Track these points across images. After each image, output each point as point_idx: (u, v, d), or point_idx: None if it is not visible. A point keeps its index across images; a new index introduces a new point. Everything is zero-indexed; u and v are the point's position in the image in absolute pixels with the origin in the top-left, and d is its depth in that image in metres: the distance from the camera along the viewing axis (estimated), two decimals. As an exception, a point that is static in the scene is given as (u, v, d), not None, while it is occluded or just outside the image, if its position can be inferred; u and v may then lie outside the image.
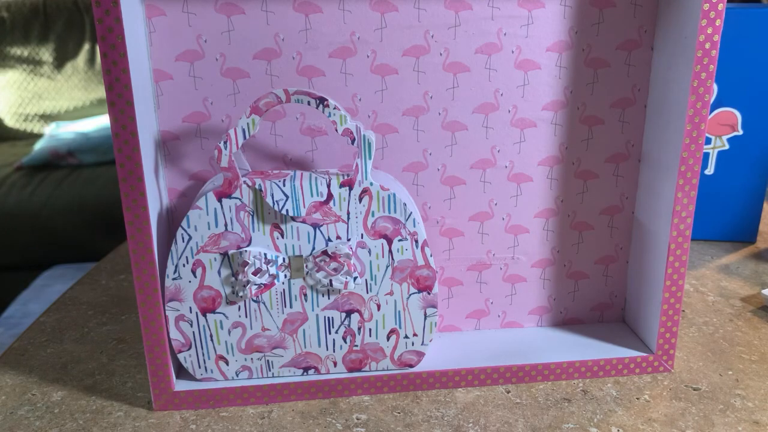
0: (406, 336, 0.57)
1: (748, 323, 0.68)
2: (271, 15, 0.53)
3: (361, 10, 0.54)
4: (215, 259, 0.53)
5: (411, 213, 0.54)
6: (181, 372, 0.58)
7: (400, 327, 0.57)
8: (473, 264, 0.63)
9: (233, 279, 0.54)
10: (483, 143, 0.59)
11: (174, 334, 0.54)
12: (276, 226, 0.53)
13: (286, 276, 0.54)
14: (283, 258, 0.53)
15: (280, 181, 0.52)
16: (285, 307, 0.55)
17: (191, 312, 0.54)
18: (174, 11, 0.52)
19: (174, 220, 0.58)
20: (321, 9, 0.53)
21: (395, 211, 0.53)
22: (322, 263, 0.53)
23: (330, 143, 0.57)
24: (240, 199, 0.52)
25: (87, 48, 2.40)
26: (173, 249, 0.52)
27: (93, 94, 2.41)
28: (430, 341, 0.58)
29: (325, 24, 0.54)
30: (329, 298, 0.55)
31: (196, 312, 0.54)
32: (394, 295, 0.56)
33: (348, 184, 0.52)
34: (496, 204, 0.61)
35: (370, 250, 0.54)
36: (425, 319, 0.57)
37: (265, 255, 0.53)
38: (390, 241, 0.54)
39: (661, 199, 0.57)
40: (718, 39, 0.51)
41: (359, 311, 0.56)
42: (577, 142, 0.60)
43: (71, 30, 2.39)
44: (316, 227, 0.53)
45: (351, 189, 0.52)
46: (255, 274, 0.53)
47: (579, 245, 0.63)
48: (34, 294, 1.66)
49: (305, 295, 0.55)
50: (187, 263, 0.53)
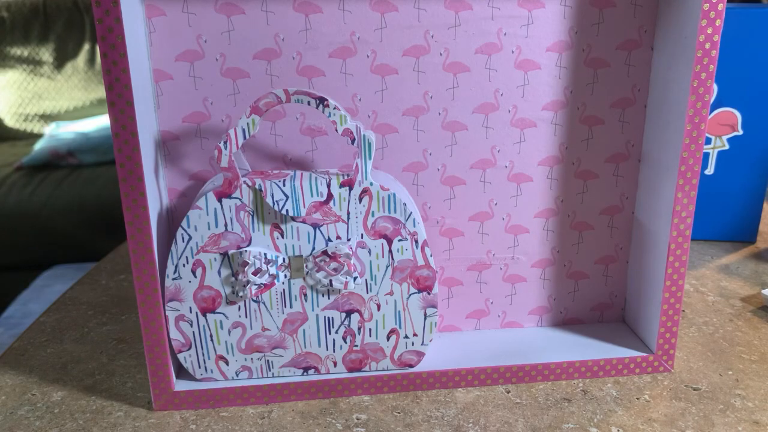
0: (406, 336, 0.57)
1: (748, 323, 0.68)
2: (271, 15, 0.53)
3: (361, 10, 0.54)
4: (215, 259, 0.53)
5: (411, 213, 0.53)
6: (181, 372, 0.58)
7: (400, 327, 0.57)
8: (473, 264, 0.63)
9: (233, 279, 0.54)
10: (483, 143, 0.59)
11: (174, 334, 0.54)
12: (276, 226, 0.53)
13: (286, 276, 0.54)
14: (283, 258, 0.53)
15: (280, 181, 0.52)
16: (285, 307, 0.55)
17: (191, 312, 0.54)
18: (174, 11, 0.52)
19: (174, 220, 0.58)
20: (321, 9, 0.53)
21: (395, 211, 0.53)
22: (322, 263, 0.53)
23: (330, 143, 0.57)
24: (240, 199, 0.52)
25: (87, 48, 2.40)
26: (173, 249, 0.52)
27: (93, 94, 2.41)
28: (430, 341, 0.58)
29: (325, 24, 0.54)
30: (329, 298, 0.55)
31: (196, 312, 0.54)
32: (394, 295, 0.56)
33: (348, 184, 0.52)
34: (496, 204, 0.61)
35: (370, 250, 0.54)
36: (425, 319, 0.57)
37: (265, 255, 0.53)
38: (390, 241, 0.54)
39: (661, 199, 0.57)
40: (718, 39, 0.51)
41: (359, 311, 0.56)
42: (577, 142, 0.60)
43: (71, 30, 2.39)
44: (316, 227, 0.53)
45: (351, 189, 0.52)
46: (255, 274, 0.53)
47: (579, 245, 0.63)
48: (34, 294, 1.66)
49: (305, 295, 0.55)
50: (187, 263, 0.53)
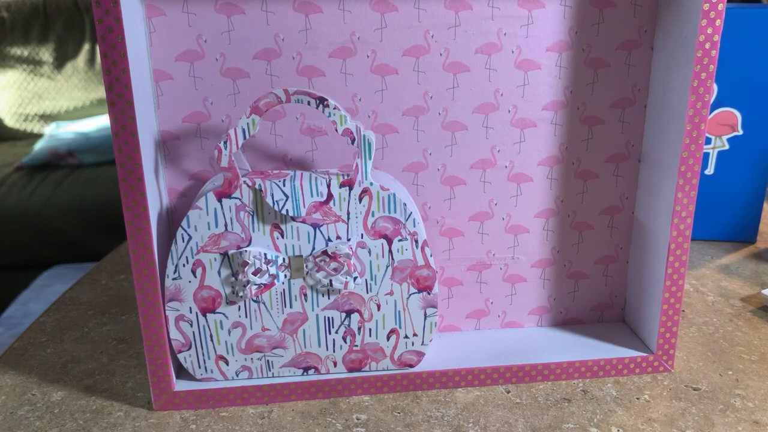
0: (406, 336, 0.57)
1: (748, 323, 0.68)
2: (271, 15, 0.53)
3: (361, 10, 0.54)
4: (215, 259, 0.53)
5: (411, 213, 0.53)
6: (181, 372, 0.58)
7: (400, 327, 0.57)
8: (473, 264, 0.63)
9: (233, 279, 0.54)
10: (483, 143, 0.59)
11: (174, 334, 0.54)
12: (276, 226, 0.53)
13: (286, 276, 0.54)
14: (283, 258, 0.53)
15: (280, 181, 0.52)
16: (285, 307, 0.55)
17: (191, 312, 0.54)
18: (174, 11, 0.52)
19: (174, 220, 0.58)
20: (321, 9, 0.53)
21: (395, 211, 0.53)
22: (322, 263, 0.53)
23: (330, 143, 0.57)
24: (240, 199, 0.52)
25: (87, 48, 2.40)
26: (173, 249, 0.52)
27: (93, 94, 2.41)
28: (430, 341, 0.58)
29: (325, 24, 0.54)
30: (329, 298, 0.55)
31: (196, 312, 0.54)
32: (394, 295, 0.56)
33: (348, 184, 0.52)
34: (496, 204, 0.61)
35: (370, 250, 0.54)
36: (425, 319, 0.57)
37: (265, 255, 0.53)
38: (390, 241, 0.54)
39: (661, 199, 0.57)
40: (718, 39, 0.51)
41: (359, 311, 0.56)
42: (577, 142, 0.60)
43: (71, 30, 2.39)
44: (316, 227, 0.53)
45: (351, 189, 0.52)
46: (255, 274, 0.53)
47: (579, 245, 0.63)
48: (34, 294, 1.66)
49: (305, 295, 0.55)
50: (187, 263, 0.53)
